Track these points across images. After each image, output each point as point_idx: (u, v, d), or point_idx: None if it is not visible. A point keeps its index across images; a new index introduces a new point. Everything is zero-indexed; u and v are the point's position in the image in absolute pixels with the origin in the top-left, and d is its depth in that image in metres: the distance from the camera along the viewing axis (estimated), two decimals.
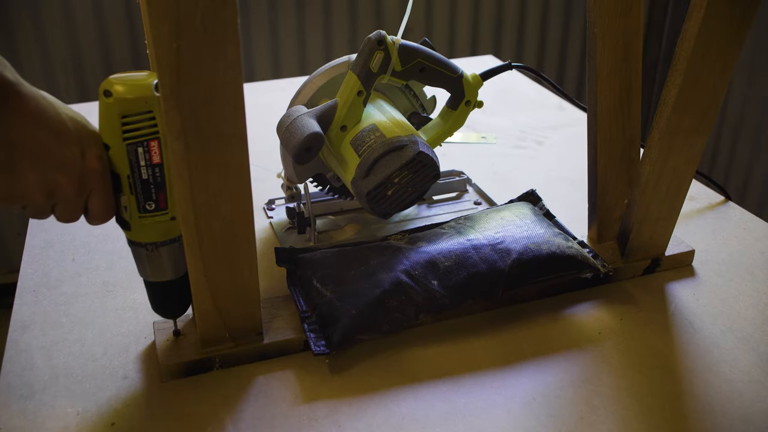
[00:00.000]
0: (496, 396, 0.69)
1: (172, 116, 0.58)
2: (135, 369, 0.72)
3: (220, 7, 0.55)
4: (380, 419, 0.66)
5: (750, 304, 0.82)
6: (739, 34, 0.72)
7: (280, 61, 2.19)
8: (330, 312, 0.73)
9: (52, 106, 0.59)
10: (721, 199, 1.04)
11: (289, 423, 0.66)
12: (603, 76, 0.79)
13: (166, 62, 0.56)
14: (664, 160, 0.79)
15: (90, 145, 0.61)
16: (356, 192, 0.80)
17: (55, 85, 2.02)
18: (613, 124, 0.82)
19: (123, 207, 0.64)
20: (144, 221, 0.65)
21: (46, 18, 1.95)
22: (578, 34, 2.47)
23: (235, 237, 0.66)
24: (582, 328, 0.78)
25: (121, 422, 0.66)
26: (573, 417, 0.66)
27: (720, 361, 0.73)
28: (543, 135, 1.25)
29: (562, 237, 0.83)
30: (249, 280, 0.69)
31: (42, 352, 0.74)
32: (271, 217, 0.98)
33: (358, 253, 0.80)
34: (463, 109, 0.87)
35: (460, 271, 0.76)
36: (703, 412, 0.67)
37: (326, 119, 0.80)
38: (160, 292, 0.70)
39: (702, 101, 0.76)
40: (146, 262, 0.68)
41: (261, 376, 0.71)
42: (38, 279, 0.86)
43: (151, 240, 0.66)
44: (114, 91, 0.60)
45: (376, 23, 2.23)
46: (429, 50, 0.83)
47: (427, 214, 0.98)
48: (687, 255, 0.88)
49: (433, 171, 0.81)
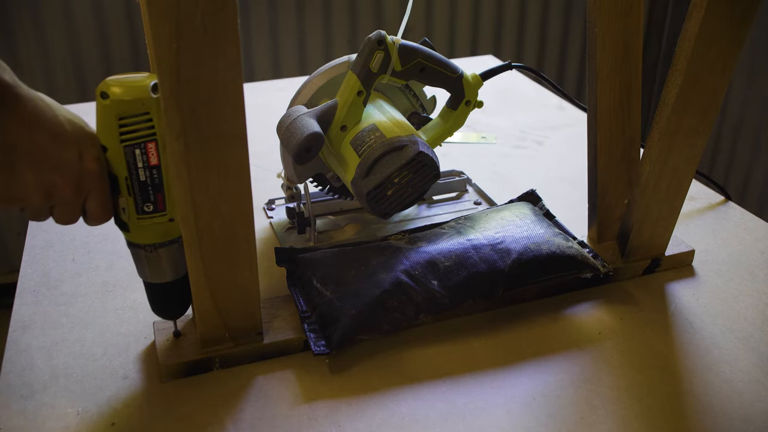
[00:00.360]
0: (496, 396, 0.69)
1: (172, 116, 0.58)
2: (135, 369, 0.72)
3: (220, 7, 0.55)
4: (380, 419, 0.66)
5: (750, 304, 0.82)
6: (739, 34, 0.72)
7: (280, 61, 2.19)
8: (330, 312, 0.73)
9: (50, 108, 0.59)
10: (721, 199, 1.04)
11: (289, 423, 0.66)
12: (603, 76, 0.79)
13: (166, 62, 0.56)
14: (664, 160, 0.79)
15: (87, 147, 0.61)
16: (356, 192, 0.80)
17: (55, 85, 2.02)
18: (613, 124, 0.82)
19: (121, 208, 0.64)
20: (142, 223, 0.65)
21: (46, 18, 1.95)
22: (578, 34, 2.47)
23: (235, 237, 0.66)
24: (582, 328, 0.78)
25: (121, 422, 0.66)
26: (573, 417, 0.66)
27: (720, 361, 0.73)
28: (543, 135, 1.25)
29: (562, 237, 0.83)
30: (249, 280, 0.69)
31: (42, 352, 0.74)
32: (271, 217, 0.98)
33: (358, 253, 0.80)
34: (463, 109, 0.87)
35: (460, 271, 0.76)
36: (703, 412, 0.67)
37: (326, 119, 0.80)
38: (160, 293, 0.70)
39: (702, 101, 0.76)
40: (145, 264, 0.68)
41: (261, 376, 0.71)
42: (38, 279, 0.86)
43: (150, 241, 0.66)
44: (111, 93, 0.60)
45: (376, 23, 2.23)
46: (429, 50, 0.83)
47: (427, 214, 0.98)
48: (687, 255, 0.88)
49: (433, 171, 0.81)
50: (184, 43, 0.56)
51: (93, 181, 0.61)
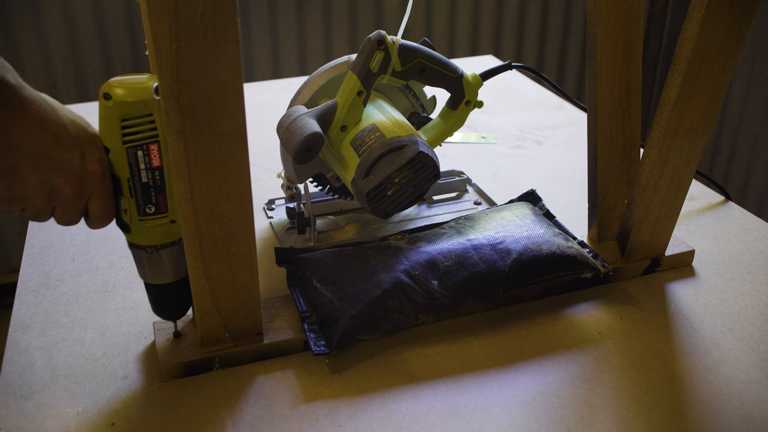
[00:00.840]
0: (495, 396, 0.69)
1: (171, 116, 0.58)
2: (135, 369, 0.72)
3: (220, 7, 0.55)
4: (380, 419, 0.66)
5: (750, 304, 0.82)
6: (739, 34, 0.72)
7: (280, 61, 2.19)
8: (330, 312, 0.73)
9: (53, 109, 0.59)
10: (721, 199, 1.04)
11: (289, 423, 0.66)
12: (603, 75, 0.79)
13: (166, 62, 0.56)
14: (664, 160, 0.79)
15: (90, 148, 0.61)
16: (356, 192, 0.80)
17: (55, 85, 2.02)
18: (613, 124, 0.82)
19: (123, 210, 0.64)
20: (144, 224, 0.65)
21: (46, 18, 1.95)
22: (578, 34, 2.47)
23: (235, 237, 0.66)
24: (582, 328, 0.78)
25: (121, 422, 0.66)
26: (573, 417, 0.66)
27: (720, 361, 0.73)
28: (543, 135, 1.25)
29: (562, 237, 0.83)
30: (249, 280, 0.69)
31: (42, 352, 0.74)
32: (271, 217, 0.98)
33: (358, 253, 0.80)
34: (463, 109, 0.87)
35: (460, 271, 0.76)
36: (703, 412, 0.67)
37: (326, 119, 0.80)
38: (161, 294, 0.70)
39: (702, 101, 0.76)
40: (146, 265, 0.68)
41: (261, 376, 0.71)
42: (38, 279, 0.86)
43: (152, 243, 0.66)
44: (114, 95, 0.60)
45: (376, 23, 2.23)
46: (429, 50, 0.83)
47: (427, 214, 0.98)
48: (687, 255, 0.88)
49: (433, 171, 0.81)
50: (184, 42, 0.56)
51: (95, 182, 0.61)
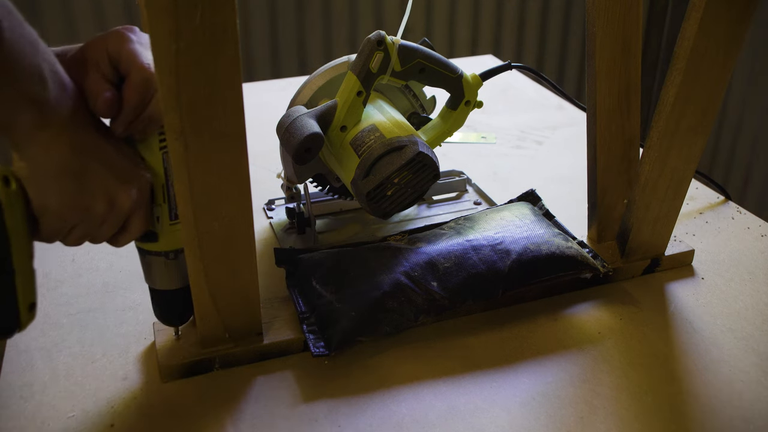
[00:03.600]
0: (495, 396, 0.69)
1: (171, 116, 0.58)
2: (135, 370, 0.72)
3: (220, 7, 0.55)
4: (380, 419, 0.66)
5: (750, 304, 0.82)
6: (738, 34, 0.72)
7: (280, 61, 2.19)
8: (329, 313, 0.73)
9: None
10: (721, 199, 1.04)
11: (289, 423, 0.66)
12: (602, 75, 0.79)
13: (166, 62, 0.56)
14: (664, 160, 0.79)
15: (139, 159, 0.63)
16: (356, 192, 0.80)
17: None
18: (612, 123, 0.82)
19: (155, 218, 0.65)
20: (173, 228, 0.66)
21: (46, 18, 1.95)
22: (578, 34, 2.47)
23: (235, 237, 0.66)
24: (582, 328, 0.78)
25: (121, 423, 0.66)
26: (573, 417, 0.66)
27: (720, 361, 0.73)
28: (543, 135, 1.25)
29: (562, 237, 0.83)
30: (249, 281, 0.69)
31: (42, 353, 0.74)
32: (271, 218, 0.98)
33: (357, 254, 0.80)
34: (463, 110, 0.87)
35: (460, 272, 0.76)
36: (702, 412, 0.67)
37: (326, 119, 0.80)
38: (172, 300, 0.70)
39: (701, 101, 0.76)
40: (163, 271, 0.68)
41: (261, 377, 0.71)
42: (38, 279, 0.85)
43: (174, 247, 0.67)
44: None
45: (376, 23, 2.23)
46: (429, 50, 0.83)
47: (427, 214, 0.98)
48: (687, 255, 0.88)
49: (433, 171, 0.81)
50: (183, 43, 0.56)
51: (145, 194, 0.63)
